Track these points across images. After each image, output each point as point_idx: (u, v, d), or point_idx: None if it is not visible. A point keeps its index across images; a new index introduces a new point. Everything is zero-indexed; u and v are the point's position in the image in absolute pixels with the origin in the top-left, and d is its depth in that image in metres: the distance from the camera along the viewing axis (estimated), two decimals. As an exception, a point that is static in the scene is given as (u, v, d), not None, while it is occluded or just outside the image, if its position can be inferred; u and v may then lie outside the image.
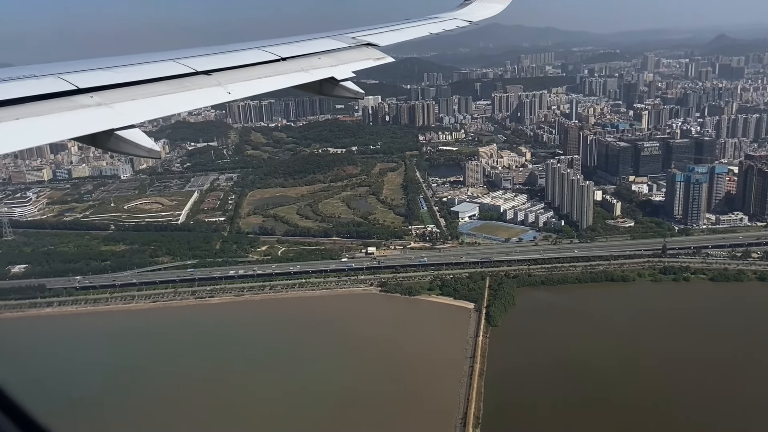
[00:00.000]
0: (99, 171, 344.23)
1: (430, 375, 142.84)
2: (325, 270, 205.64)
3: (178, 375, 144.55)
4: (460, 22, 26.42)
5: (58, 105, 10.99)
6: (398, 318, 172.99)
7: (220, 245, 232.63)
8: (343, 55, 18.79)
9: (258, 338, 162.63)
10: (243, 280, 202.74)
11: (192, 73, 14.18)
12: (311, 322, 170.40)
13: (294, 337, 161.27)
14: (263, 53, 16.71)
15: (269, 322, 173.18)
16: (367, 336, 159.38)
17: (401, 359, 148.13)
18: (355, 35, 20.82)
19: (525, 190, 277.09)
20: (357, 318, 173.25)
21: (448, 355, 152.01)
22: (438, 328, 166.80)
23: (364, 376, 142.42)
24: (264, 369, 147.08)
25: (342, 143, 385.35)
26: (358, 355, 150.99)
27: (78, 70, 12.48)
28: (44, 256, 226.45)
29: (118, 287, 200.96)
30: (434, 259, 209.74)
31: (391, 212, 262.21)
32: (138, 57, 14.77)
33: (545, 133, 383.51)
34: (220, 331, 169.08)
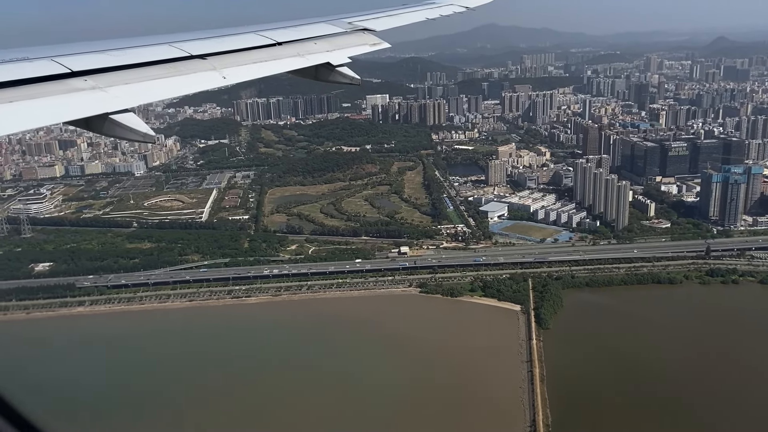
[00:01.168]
0: (112, 168, 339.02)
1: (488, 379, 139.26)
2: (361, 270, 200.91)
3: (231, 376, 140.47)
4: (457, 7, 26.03)
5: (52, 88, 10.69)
6: (444, 320, 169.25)
7: (248, 244, 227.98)
8: (339, 40, 18.54)
9: (304, 339, 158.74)
10: (278, 280, 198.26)
11: (187, 57, 13.90)
12: (355, 323, 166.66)
13: (341, 339, 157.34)
14: (259, 38, 16.46)
15: (312, 323, 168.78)
16: (415, 338, 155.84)
17: (454, 363, 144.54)
18: (351, 20, 20.57)
19: (551, 190, 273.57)
20: (401, 320, 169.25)
21: (502, 358, 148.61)
22: (487, 330, 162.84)
23: (420, 380, 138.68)
24: (315, 372, 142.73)
25: (355, 141, 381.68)
26: (409, 358, 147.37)
27: (72, 53, 12.12)
28: (69, 253, 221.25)
29: (152, 285, 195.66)
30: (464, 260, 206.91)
31: (416, 211, 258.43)
32: (133, 40, 14.47)
33: (561, 132, 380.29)
34: (264, 331, 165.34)
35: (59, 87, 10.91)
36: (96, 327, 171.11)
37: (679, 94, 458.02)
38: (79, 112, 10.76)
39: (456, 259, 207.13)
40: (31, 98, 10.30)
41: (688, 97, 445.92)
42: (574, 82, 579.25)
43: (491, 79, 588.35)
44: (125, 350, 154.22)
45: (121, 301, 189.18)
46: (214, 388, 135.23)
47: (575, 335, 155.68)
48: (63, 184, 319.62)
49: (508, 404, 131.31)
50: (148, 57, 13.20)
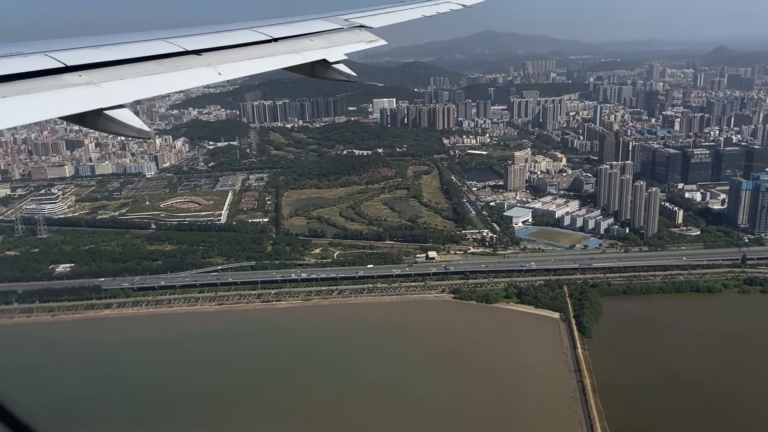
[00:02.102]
0: (123, 168, 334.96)
1: (538, 389, 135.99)
2: (391, 275, 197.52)
3: (275, 381, 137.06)
4: (454, 5, 25.74)
5: (46, 83, 10.57)
6: (481, 327, 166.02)
7: (271, 247, 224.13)
8: (336, 37, 18.37)
9: (341, 346, 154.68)
10: (307, 284, 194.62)
11: (182, 52, 13.73)
12: (392, 329, 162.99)
13: (379, 346, 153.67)
14: (254, 34, 16.32)
15: (347, 329, 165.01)
16: (455, 345, 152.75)
17: (500, 371, 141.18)
18: (348, 17, 20.41)
19: (572, 196, 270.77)
20: (438, 326, 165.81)
21: (548, 367, 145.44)
22: (528, 338, 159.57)
23: (466, 390, 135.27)
24: (355, 379, 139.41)
25: (366, 145, 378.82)
26: (452, 366, 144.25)
27: (66, 48, 11.98)
28: (89, 255, 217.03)
29: (178, 288, 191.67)
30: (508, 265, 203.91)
31: (438, 216, 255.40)
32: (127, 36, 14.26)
33: (574, 138, 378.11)
34: (298, 336, 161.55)
35: (53, 82, 10.75)
36: (129, 329, 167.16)
37: (689, 102, 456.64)
38: (73, 107, 10.57)
39: (500, 264, 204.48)
40: (24, 93, 10.12)
41: (699, 105, 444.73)
42: (578, 88, 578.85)
43: (497, 85, 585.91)
44: (171, 351, 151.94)
45: (149, 304, 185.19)
46: (265, 393, 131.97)
47: (620, 345, 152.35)
48: (74, 184, 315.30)
49: (562, 416, 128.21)
50: (143, 52, 13.03)
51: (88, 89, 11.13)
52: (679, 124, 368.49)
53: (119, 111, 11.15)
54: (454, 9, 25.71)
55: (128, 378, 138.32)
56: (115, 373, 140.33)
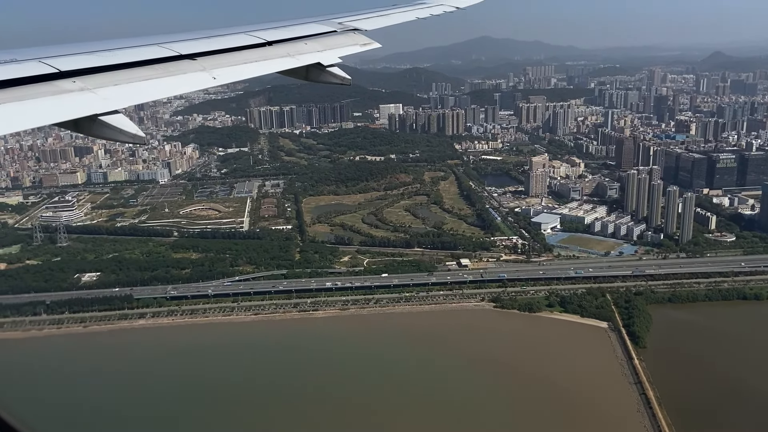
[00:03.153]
0: (136, 175, 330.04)
1: (600, 404, 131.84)
2: (426, 283, 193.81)
3: (328, 393, 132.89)
4: (447, 7, 25.75)
5: (41, 90, 10.58)
6: (529, 338, 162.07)
7: (299, 254, 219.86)
8: (330, 40, 18.33)
9: (388, 357, 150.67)
10: (342, 293, 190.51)
11: (176, 57, 13.67)
12: (436, 340, 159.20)
13: (427, 358, 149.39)
14: (249, 38, 16.23)
15: (391, 339, 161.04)
16: (505, 358, 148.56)
17: (555, 384, 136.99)
18: (342, 20, 20.34)
19: (597, 201, 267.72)
20: (483, 337, 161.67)
21: (606, 380, 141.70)
22: (579, 349, 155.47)
23: (526, 404, 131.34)
24: (410, 392, 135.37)
25: (378, 151, 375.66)
26: (506, 380, 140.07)
27: (60, 54, 11.97)
28: (114, 263, 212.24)
29: (212, 297, 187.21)
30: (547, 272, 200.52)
31: (463, 222, 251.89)
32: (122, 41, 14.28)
33: (589, 143, 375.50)
34: (343, 348, 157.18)
35: (48, 88, 10.72)
36: (167, 340, 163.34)
37: (699, 107, 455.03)
38: (67, 113, 10.52)
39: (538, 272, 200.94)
40: (19, 100, 10.06)
41: (709, 110, 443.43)
42: (581, 93, 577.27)
43: (503, 90, 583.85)
44: (219, 362, 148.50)
45: (184, 314, 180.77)
46: (324, 405, 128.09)
47: (677, 355, 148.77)
48: (87, 191, 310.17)
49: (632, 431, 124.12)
50: (137, 57, 12.92)
51: (83, 95, 11.01)
52: (695, 128, 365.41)
53: (114, 116, 11.00)
54: (448, 11, 25.63)
55: (185, 389, 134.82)
56: (169, 384, 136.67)
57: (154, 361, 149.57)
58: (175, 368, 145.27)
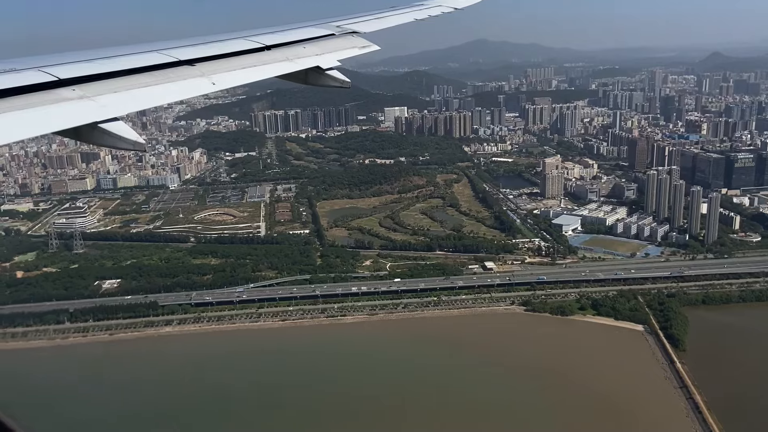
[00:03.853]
0: (146, 180, 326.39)
1: (646, 409, 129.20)
2: (454, 287, 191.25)
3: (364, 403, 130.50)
4: (445, 8, 25.67)
5: (40, 98, 10.60)
6: (564, 342, 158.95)
7: (320, 259, 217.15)
8: (328, 43, 18.30)
9: (423, 363, 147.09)
10: (368, 298, 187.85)
11: (175, 63, 13.66)
12: (471, 345, 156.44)
13: (461, 364, 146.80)
14: (247, 42, 16.22)
15: (424, 345, 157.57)
16: (543, 363, 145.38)
17: (598, 390, 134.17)
18: (340, 23, 20.27)
19: (615, 202, 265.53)
20: (518, 341, 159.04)
21: (649, 384, 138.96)
22: (617, 353, 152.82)
23: (572, 409, 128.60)
24: (444, 400, 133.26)
25: (387, 154, 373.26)
26: (547, 386, 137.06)
27: (59, 62, 11.99)
28: (134, 270, 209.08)
29: (237, 303, 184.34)
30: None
31: (481, 225, 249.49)
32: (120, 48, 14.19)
33: (599, 144, 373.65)
34: (374, 353, 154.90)
35: (47, 97, 10.70)
36: (196, 347, 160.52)
37: (707, 107, 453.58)
38: (68, 121, 10.52)
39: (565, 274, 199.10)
40: (19, 109, 10.04)
41: (717, 110, 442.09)
42: (583, 95, 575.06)
43: (506, 92, 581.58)
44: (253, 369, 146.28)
45: (211, 320, 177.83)
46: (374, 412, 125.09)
47: (718, 358, 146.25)
48: (97, 197, 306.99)
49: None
50: (136, 64, 12.93)
51: (82, 103, 10.99)
52: (707, 128, 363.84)
53: (114, 124, 10.99)
54: (446, 12, 25.43)
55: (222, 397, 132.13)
56: (206, 393, 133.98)
57: (186, 368, 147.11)
58: (209, 376, 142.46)
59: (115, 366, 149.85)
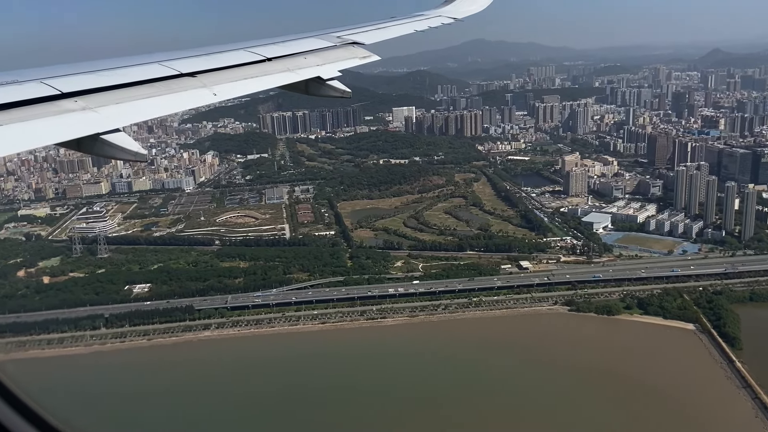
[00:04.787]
0: (161, 184, 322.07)
1: (713, 410, 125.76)
2: (492, 287, 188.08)
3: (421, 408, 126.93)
4: (445, 19, 25.89)
5: (43, 110, 10.70)
6: (616, 342, 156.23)
7: (350, 261, 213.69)
8: (329, 54, 18.36)
9: (475, 366, 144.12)
10: (406, 299, 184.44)
11: (177, 75, 13.78)
12: (519, 346, 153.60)
13: (515, 366, 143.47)
14: (248, 54, 16.36)
15: (472, 347, 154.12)
16: (597, 364, 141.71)
17: (660, 391, 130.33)
18: (341, 34, 20.43)
19: (641, 199, 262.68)
20: (567, 342, 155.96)
21: (711, 385, 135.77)
22: (672, 352, 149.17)
23: (639, 411, 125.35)
24: (504, 404, 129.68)
25: (401, 154, 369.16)
26: (606, 388, 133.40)
27: (61, 74, 12.12)
28: (164, 274, 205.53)
29: (273, 306, 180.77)
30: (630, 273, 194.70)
31: (508, 224, 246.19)
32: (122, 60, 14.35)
33: (615, 141, 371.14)
34: (422, 356, 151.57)
35: (50, 109, 10.77)
36: (239, 351, 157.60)
37: (720, 103, 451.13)
38: (70, 133, 10.62)
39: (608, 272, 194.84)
40: (21, 121, 10.13)
41: (730, 105, 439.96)
42: (589, 92, 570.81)
43: (513, 91, 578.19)
44: (307, 374, 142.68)
45: (249, 324, 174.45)
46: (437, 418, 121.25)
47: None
48: (113, 201, 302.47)
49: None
50: (138, 76, 13.04)
51: (85, 115, 11.05)
52: (724, 124, 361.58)
53: (116, 135, 11.03)
54: (446, 23, 25.55)
55: (274, 404, 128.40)
56: (257, 399, 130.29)
57: (235, 373, 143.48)
58: (257, 381, 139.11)
59: (163, 372, 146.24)
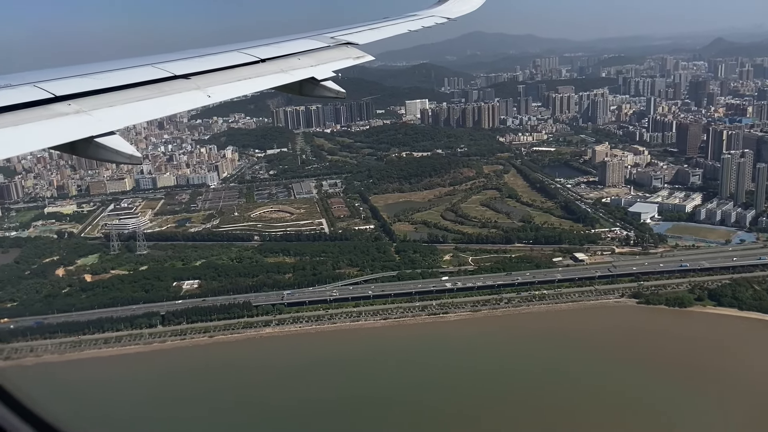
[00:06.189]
0: (185, 180, 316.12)
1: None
2: (552, 280, 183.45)
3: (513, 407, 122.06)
4: (438, 18, 25.97)
5: (36, 114, 10.60)
6: (696, 335, 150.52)
7: (397, 255, 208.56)
8: (323, 54, 18.31)
9: (554, 362, 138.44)
10: (465, 294, 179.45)
11: (170, 77, 13.63)
12: (597, 342, 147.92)
13: (596, 363, 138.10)
14: (242, 55, 16.27)
15: (545, 341, 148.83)
16: (687, 360, 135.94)
17: (761, 387, 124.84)
18: (334, 35, 20.30)
19: (681, 188, 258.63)
20: (645, 336, 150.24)
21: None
22: (759, 346, 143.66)
23: (751, 411, 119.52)
24: (596, 401, 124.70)
25: (422, 146, 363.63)
26: (706, 386, 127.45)
27: (55, 78, 11.96)
28: (211, 270, 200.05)
29: (330, 302, 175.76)
30: (694, 263, 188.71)
31: (550, 215, 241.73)
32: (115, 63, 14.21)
33: (637, 130, 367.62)
34: (499, 352, 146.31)
35: (43, 112, 10.64)
36: (309, 349, 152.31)
37: (739, 90, 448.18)
38: (64, 136, 10.48)
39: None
40: (15, 125, 10.02)
41: (750, 94, 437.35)
42: (597, 83, 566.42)
43: (527, 82, 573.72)
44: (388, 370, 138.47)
45: (309, 321, 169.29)
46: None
47: None
48: (139, 198, 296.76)
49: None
50: (132, 79, 12.90)
51: (78, 118, 10.93)
52: (752, 112, 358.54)
53: (109, 138, 10.93)
54: (439, 23, 25.63)
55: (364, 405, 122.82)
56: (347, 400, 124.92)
57: (311, 370, 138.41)
58: (342, 379, 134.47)
59: (229, 372, 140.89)
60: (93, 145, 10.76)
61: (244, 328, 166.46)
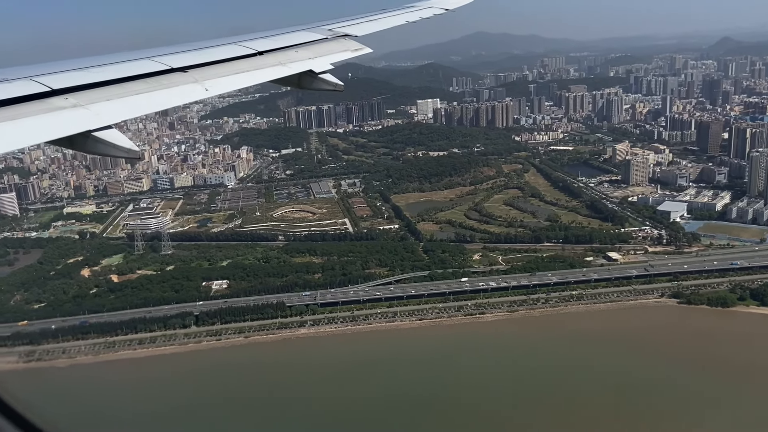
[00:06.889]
0: (203, 179, 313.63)
1: None
2: (589, 279, 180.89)
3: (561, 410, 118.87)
4: (437, 9, 25.25)
5: (33, 108, 10.43)
6: (744, 336, 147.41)
7: (426, 255, 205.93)
8: (321, 47, 18.06)
9: (600, 364, 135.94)
10: (499, 294, 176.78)
11: (168, 70, 13.45)
12: (644, 343, 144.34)
13: (645, 365, 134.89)
14: (240, 48, 16.09)
15: (588, 342, 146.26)
16: (746, 362, 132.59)
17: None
18: (332, 27, 19.99)
19: (708, 186, 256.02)
20: (693, 337, 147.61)
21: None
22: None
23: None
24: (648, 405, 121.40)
25: (437, 146, 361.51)
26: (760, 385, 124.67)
27: (52, 71, 11.75)
28: (239, 270, 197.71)
29: (364, 303, 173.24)
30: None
31: (576, 214, 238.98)
32: (113, 56, 13.96)
33: (654, 129, 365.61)
34: (540, 354, 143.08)
35: (40, 106, 10.47)
36: (348, 350, 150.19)
37: (755, 89, 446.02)
38: (61, 130, 10.32)
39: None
40: (11, 119, 9.84)
41: (766, 91, 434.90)
42: (607, 82, 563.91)
43: (537, 81, 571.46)
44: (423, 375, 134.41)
45: (345, 321, 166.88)
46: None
47: None
48: (158, 198, 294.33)
49: None
50: (129, 72, 12.74)
51: (76, 112, 10.78)
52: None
53: (107, 132, 10.81)
54: (437, 14, 25.19)
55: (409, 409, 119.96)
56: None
57: (356, 372, 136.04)
58: (380, 380, 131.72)
59: (268, 372, 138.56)
60: (91, 139, 10.62)
61: (279, 329, 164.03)
